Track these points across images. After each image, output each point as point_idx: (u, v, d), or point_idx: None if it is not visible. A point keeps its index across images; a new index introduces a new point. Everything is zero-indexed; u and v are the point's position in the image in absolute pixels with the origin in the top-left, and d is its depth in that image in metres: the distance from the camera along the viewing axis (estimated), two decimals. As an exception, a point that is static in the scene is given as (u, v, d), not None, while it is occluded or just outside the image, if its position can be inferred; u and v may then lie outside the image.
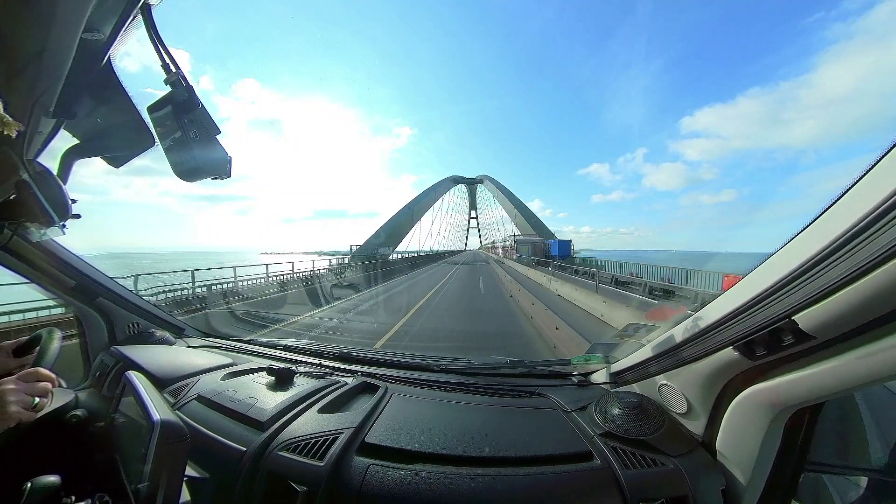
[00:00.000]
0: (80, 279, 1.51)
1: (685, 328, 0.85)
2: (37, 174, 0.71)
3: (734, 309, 0.69)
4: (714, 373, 0.79)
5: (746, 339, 0.67)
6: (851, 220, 0.50)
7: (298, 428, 0.95)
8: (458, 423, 0.99)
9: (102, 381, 1.39)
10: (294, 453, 0.86)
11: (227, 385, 1.22)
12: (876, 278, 0.47)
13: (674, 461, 0.80)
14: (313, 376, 1.31)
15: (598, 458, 0.83)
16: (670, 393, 0.92)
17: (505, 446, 0.89)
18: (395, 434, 0.92)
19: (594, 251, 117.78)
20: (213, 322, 5.03)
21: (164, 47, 0.60)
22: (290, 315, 7.52)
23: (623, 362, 1.13)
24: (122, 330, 1.70)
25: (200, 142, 0.63)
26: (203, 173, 0.64)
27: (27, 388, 0.80)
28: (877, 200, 0.46)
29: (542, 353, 5.59)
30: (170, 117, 0.61)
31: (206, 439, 0.95)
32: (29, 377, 0.83)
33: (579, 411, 1.03)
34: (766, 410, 0.72)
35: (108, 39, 0.56)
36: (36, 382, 0.83)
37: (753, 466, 0.75)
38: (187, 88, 0.61)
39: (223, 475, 0.87)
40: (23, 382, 0.81)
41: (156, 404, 0.78)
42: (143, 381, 0.91)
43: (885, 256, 0.45)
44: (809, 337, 0.58)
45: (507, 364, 1.39)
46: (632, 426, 0.89)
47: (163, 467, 0.67)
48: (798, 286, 0.57)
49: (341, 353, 1.59)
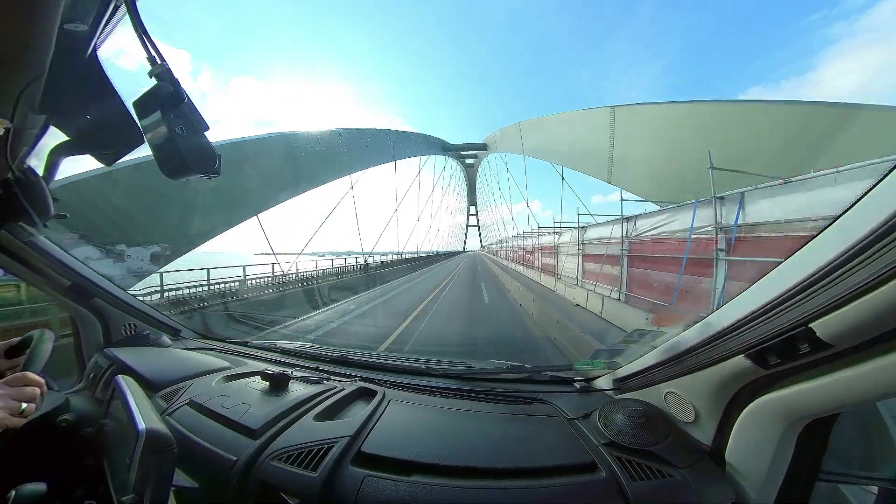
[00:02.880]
0: (75, 279, 1.49)
1: (693, 334, 0.81)
2: (20, 172, 0.68)
3: (746, 315, 0.66)
4: (724, 381, 0.76)
5: (759, 347, 0.64)
6: (874, 223, 0.47)
7: (292, 436, 0.92)
8: (457, 432, 0.96)
9: (96, 384, 1.37)
10: (287, 463, 0.83)
11: (221, 390, 1.19)
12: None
13: (681, 472, 0.77)
14: (309, 381, 1.28)
15: (603, 469, 0.80)
16: (677, 401, 0.89)
17: (506, 456, 0.86)
18: (393, 443, 0.89)
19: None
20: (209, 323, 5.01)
21: (149, 37, 0.57)
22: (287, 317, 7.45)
23: (627, 368, 1.10)
24: (117, 331, 1.68)
25: (187, 138, 0.60)
26: (191, 171, 0.62)
27: (14, 394, 0.78)
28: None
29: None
30: (155, 112, 0.59)
31: (197, 447, 0.92)
32: (16, 382, 0.81)
33: (582, 419, 1.00)
34: (778, 421, 0.69)
35: (90, 30, 0.54)
36: (23, 387, 0.81)
37: (764, 478, 0.72)
38: (172, 81, 0.59)
39: (213, 485, 0.84)
40: (9, 387, 0.78)
41: (143, 411, 0.75)
42: (132, 386, 0.88)
43: None
44: (827, 345, 0.55)
45: (507, 369, 1.37)
46: (637, 436, 0.85)
47: (148, 477, 0.65)
48: (816, 292, 0.54)
49: (339, 357, 1.57)
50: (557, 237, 16.64)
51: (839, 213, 0.53)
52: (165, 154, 0.60)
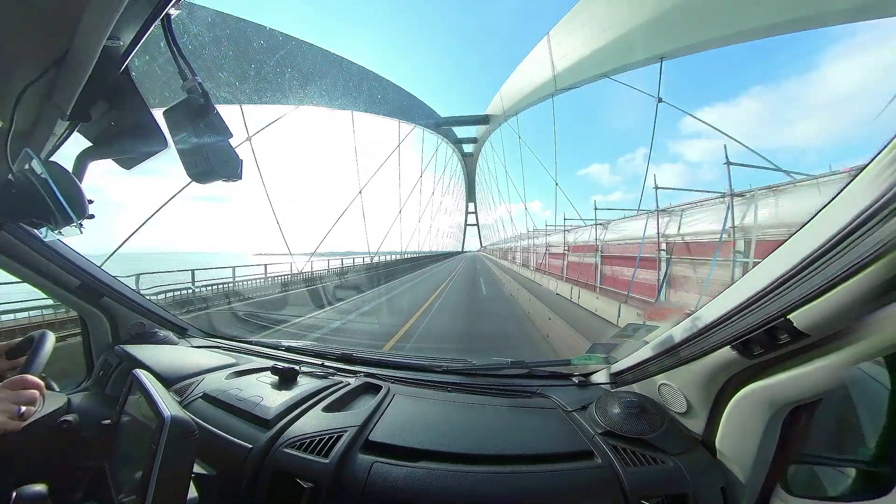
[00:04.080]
0: (84, 279, 1.52)
1: (684, 328, 0.86)
2: (55, 174, 0.72)
3: (731, 308, 0.71)
4: (712, 372, 0.81)
5: (744, 338, 0.69)
6: (843, 220, 0.52)
7: (303, 426, 0.96)
8: (460, 422, 1.00)
9: (105, 381, 1.40)
10: (299, 450, 0.87)
11: (232, 384, 1.23)
12: (866, 277, 0.49)
13: (674, 459, 0.82)
14: (316, 376, 1.32)
15: (599, 456, 0.85)
16: (670, 392, 0.94)
17: (507, 445, 0.90)
18: (399, 432, 0.93)
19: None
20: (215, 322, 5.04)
21: (182, 55, 0.62)
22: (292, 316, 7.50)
23: (623, 362, 1.14)
24: (125, 329, 1.71)
25: (214, 145, 0.65)
26: (216, 175, 0.66)
27: (12, 397, 0.77)
28: (867, 201, 0.49)
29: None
30: (185, 122, 0.63)
31: (213, 437, 0.96)
32: (15, 384, 0.80)
33: (580, 411, 1.04)
34: (764, 408, 0.74)
35: (127, 47, 0.59)
36: (22, 390, 0.80)
37: (752, 463, 0.77)
38: (203, 94, 0.64)
39: (229, 472, 0.88)
40: (8, 390, 0.78)
41: (165, 401, 0.79)
42: (151, 379, 0.92)
43: (874, 256, 0.48)
44: (804, 335, 0.60)
45: (508, 365, 1.40)
46: (632, 425, 0.90)
47: (172, 466, 0.67)
48: (793, 285, 0.59)
49: (343, 354, 1.61)
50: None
51: (813, 214, 0.58)
52: (193, 160, 0.65)
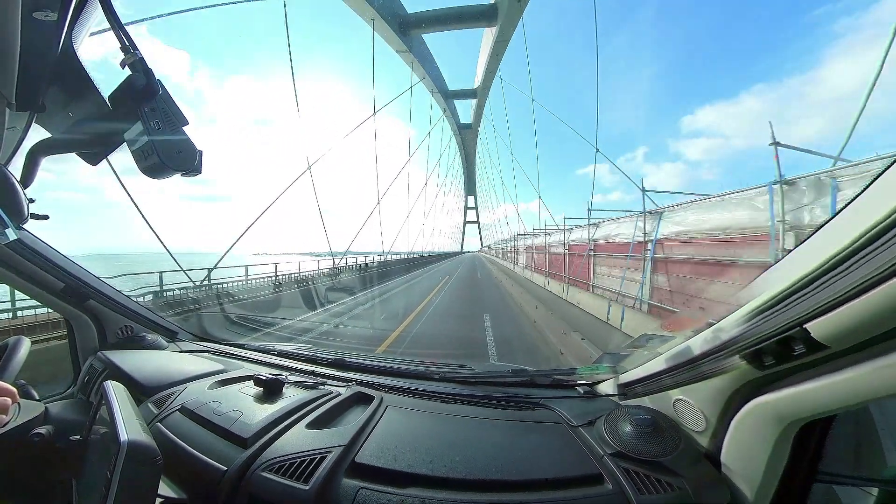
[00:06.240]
0: (68, 281, 1.46)
1: (705, 339, 0.77)
2: None
3: (752, 317, 0.64)
4: (722, 383, 0.75)
5: (755, 348, 0.63)
6: (869, 221, 0.46)
7: (284, 445, 0.89)
8: (456, 440, 0.93)
9: (90, 387, 1.34)
10: (278, 474, 0.80)
11: (213, 395, 1.16)
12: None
13: (683, 481, 0.75)
14: (304, 386, 1.25)
15: (610, 481, 0.77)
16: (687, 409, 0.86)
17: (507, 467, 0.83)
18: (389, 453, 0.86)
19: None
20: (206, 325, 4.95)
21: (121, 25, 0.54)
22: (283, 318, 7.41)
23: (633, 373, 1.07)
24: (112, 333, 1.65)
25: (164, 134, 0.57)
26: (168, 169, 0.59)
27: None
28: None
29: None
30: (129, 106, 0.56)
31: (186, 456, 0.89)
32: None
33: (586, 426, 0.96)
34: (774, 423, 0.68)
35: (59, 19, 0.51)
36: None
37: (760, 481, 0.71)
38: (145, 71, 0.55)
39: (201, 497, 0.81)
40: None
41: (128, 420, 0.72)
42: (119, 393, 0.85)
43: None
44: (822, 346, 0.54)
45: (509, 372, 1.35)
46: (646, 446, 0.82)
47: (129, 492, 0.61)
48: (811, 292, 0.53)
49: (336, 360, 1.54)
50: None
51: (834, 213, 0.52)
52: (141, 151, 0.57)
